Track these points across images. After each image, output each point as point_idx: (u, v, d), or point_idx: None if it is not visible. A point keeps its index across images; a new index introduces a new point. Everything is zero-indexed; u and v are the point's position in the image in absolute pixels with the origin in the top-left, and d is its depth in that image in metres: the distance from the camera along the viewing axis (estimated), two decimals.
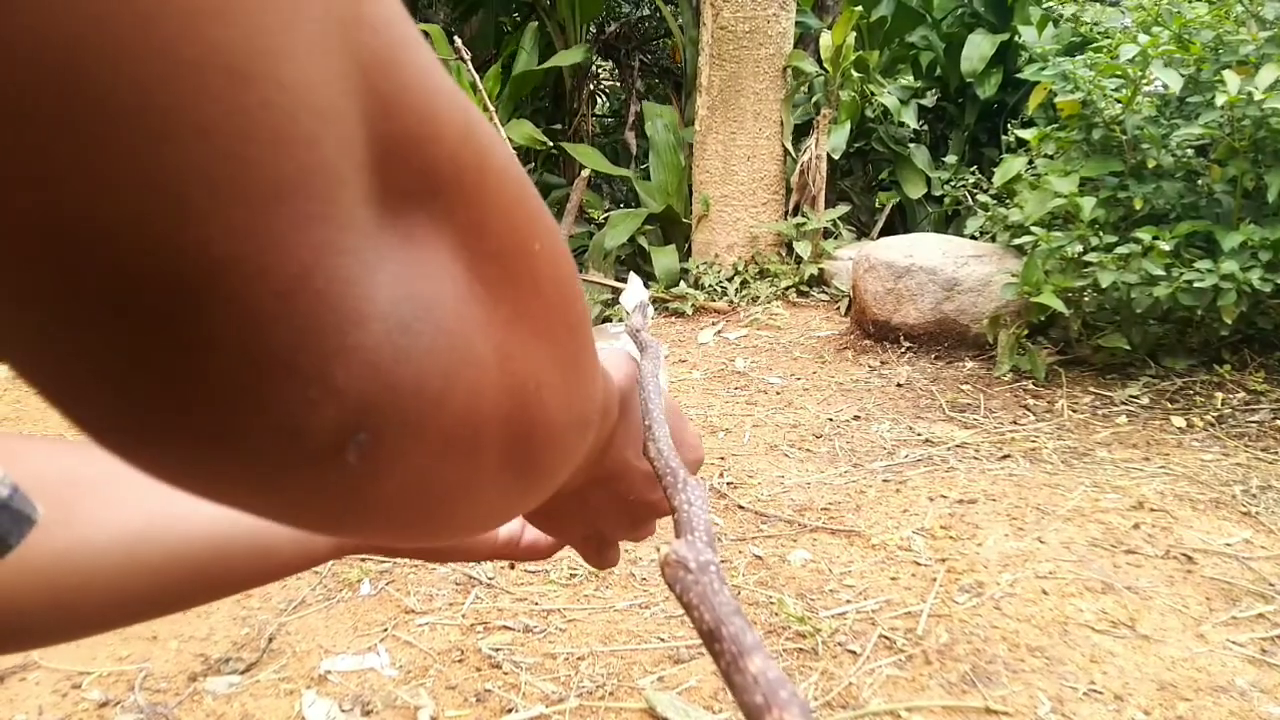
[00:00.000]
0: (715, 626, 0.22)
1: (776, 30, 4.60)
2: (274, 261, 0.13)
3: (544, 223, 0.23)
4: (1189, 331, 3.01)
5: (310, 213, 0.14)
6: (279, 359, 0.14)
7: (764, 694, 0.20)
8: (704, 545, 0.26)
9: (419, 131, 0.17)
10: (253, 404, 0.14)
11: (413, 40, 0.17)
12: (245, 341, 0.14)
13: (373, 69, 0.15)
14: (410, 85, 0.16)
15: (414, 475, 0.19)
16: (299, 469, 0.16)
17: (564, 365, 0.24)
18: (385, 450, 0.17)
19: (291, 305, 0.14)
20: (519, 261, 0.21)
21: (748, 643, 0.21)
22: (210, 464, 0.15)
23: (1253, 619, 1.66)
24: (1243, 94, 2.60)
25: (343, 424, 0.16)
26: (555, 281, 0.23)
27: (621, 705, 1.48)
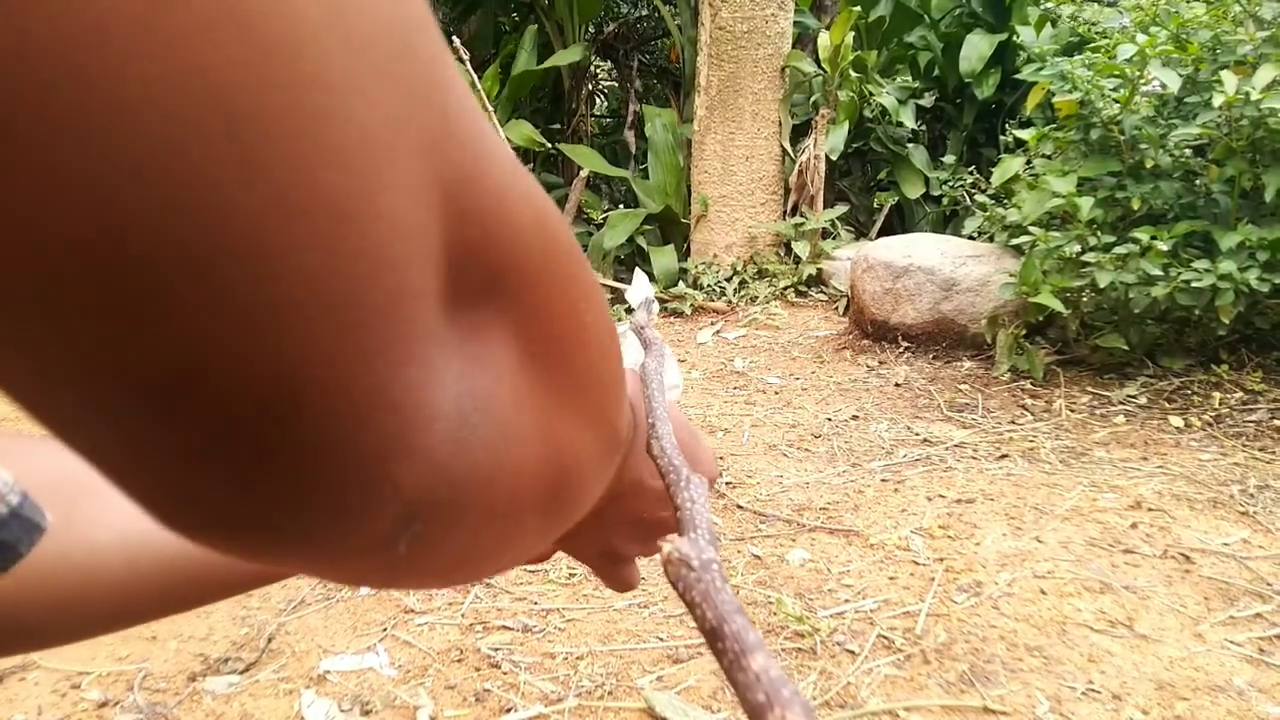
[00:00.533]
0: (717, 625, 0.22)
1: (775, 30, 4.60)
2: (355, 380, 0.14)
3: (593, 291, 0.23)
4: (1187, 331, 3.01)
5: (392, 334, 0.14)
6: (349, 465, 0.15)
7: (766, 692, 0.20)
8: (706, 543, 0.26)
9: (493, 233, 0.17)
10: (318, 505, 0.15)
11: (489, 139, 0.17)
12: (319, 450, 0.14)
13: (455, 183, 0.16)
14: (488, 190, 0.17)
15: (457, 546, 0.20)
16: (354, 556, 0.17)
17: (600, 422, 0.25)
18: (434, 532, 0.18)
19: (366, 417, 0.14)
20: (570, 338, 0.22)
21: (750, 641, 0.21)
22: (269, 551, 0.16)
23: (1250, 618, 1.67)
24: (1240, 94, 2.61)
25: (400, 518, 0.17)
26: (599, 346, 0.24)
27: (620, 705, 1.48)
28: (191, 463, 0.14)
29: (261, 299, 0.12)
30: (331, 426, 0.14)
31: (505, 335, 0.19)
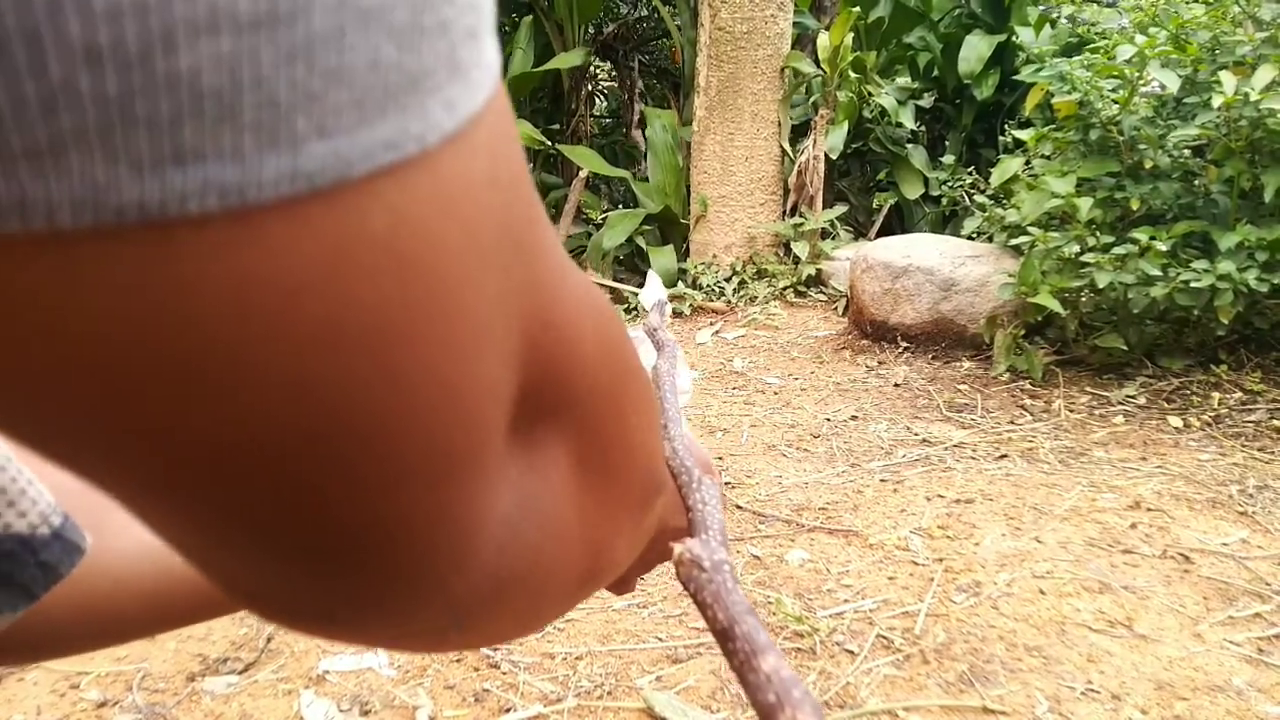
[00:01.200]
0: (728, 625, 0.22)
1: (774, 31, 4.60)
2: (431, 514, 0.16)
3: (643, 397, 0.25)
4: (1186, 332, 3.01)
5: (469, 474, 0.16)
6: (410, 577, 0.17)
7: (776, 693, 0.20)
8: (718, 545, 0.26)
9: (563, 365, 0.19)
10: (378, 609, 0.17)
11: (563, 267, 0.19)
12: (388, 568, 0.16)
13: (535, 329, 0.17)
14: (562, 327, 0.18)
15: (499, 626, 0.22)
16: (403, 641, 0.20)
17: (637, 512, 0.26)
18: (477, 620, 0.20)
19: (434, 540, 0.16)
20: (618, 445, 0.23)
21: (760, 642, 0.21)
22: (325, 635, 0.19)
23: (1249, 618, 1.67)
24: (1239, 95, 2.61)
25: (448, 615, 0.19)
26: (644, 447, 0.25)
27: (619, 705, 1.48)
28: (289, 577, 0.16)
29: (380, 468, 0.14)
30: (405, 551, 0.16)
31: (560, 448, 0.20)
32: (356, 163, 0.12)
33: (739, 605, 0.23)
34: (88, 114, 0.10)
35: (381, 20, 0.12)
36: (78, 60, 0.10)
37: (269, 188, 0.11)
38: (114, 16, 0.10)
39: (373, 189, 0.12)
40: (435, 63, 0.13)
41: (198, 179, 0.11)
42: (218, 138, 0.11)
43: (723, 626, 0.22)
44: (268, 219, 0.11)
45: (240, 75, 0.10)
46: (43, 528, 0.33)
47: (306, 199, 0.12)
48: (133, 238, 0.11)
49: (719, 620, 0.23)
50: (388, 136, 0.12)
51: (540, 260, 0.17)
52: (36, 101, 0.10)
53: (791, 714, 0.19)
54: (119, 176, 0.10)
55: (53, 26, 0.09)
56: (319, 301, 0.12)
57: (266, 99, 0.11)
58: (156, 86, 0.10)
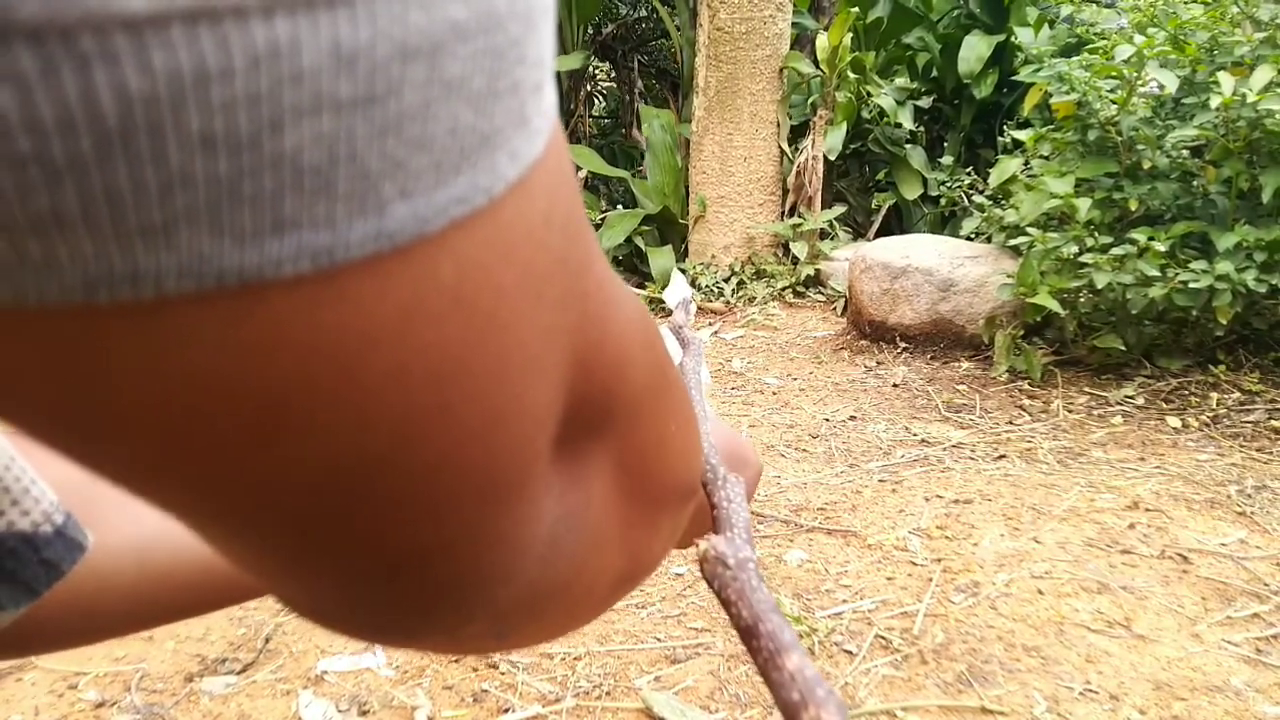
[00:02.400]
0: (753, 623, 0.22)
1: (773, 31, 4.61)
2: (482, 534, 0.17)
3: (684, 408, 0.25)
4: (1184, 332, 3.01)
5: (516, 495, 0.17)
6: (459, 593, 0.18)
7: (801, 691, 0.20)
8: (743, 542, 0.26)
9: (611, 384, 0.20)
10: (427, 622, 0.18)
11: (614, 291, 0.20)
12: (439, 584, 0.17)
13: (585, 353, 0.18)
14: (611, 348, 0.19)
15: (540, 629, 0.23)
16: (447, 647, 0.21)
17: (675, 514, 0.27)
18: (518, 627, 0.21)
19: (479, 554, 0.17)
20: (659, 455, 0.24)
21: (785, 640, 0.21)
22: (371, 640, 0.20)
23: (1248, 619, 1.67)
24: (1237, 95, 2.61)
25: (493, 625, 0.20)
26: (683, 455, 0.26)
27: (618, 705, 1.48)
28: (345, 596, 0.17)
29: (433, 494, 0.15)
30: (454, 569, 0.17)
31: (603, 461, 0.21)
32: (432, 220, 0.13)
33: (763, 603, 0.23)
34: (200, 194, 0.11)
35: (462, 89, 0.12)
36: (195, 148, 0.10)
37: (356, 248, 0.12)
38: (230, 107, 0.10)
39: (444, 242, 0.13)
40: (506, 121, 0.14)
41: (293, 245, 0.12)
42: (313, 208, 0.11)
43: (747, 624, 0.22)
44: (352, 276, 0.12)
45: (337, 151, 0.11)
46: (45, 525, 0.33)
47: (388, 256, 0.13)
48: (229, 298, 0.12)
49: (743, 618, 0.23)
50: (460, 193, 0.13)
51: (592, 287, 0.18)
52: (156, 186, 0.10)
53: (815, 713, 0.19)
54: (223, 247, 0.11)
55: (175, 119, 0.10)
56: (391, 347, 0.13)
57: (359, 170, 0.12)
58: (263, 166, 0.11)
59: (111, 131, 0.10)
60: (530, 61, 0.14)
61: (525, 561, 0.19)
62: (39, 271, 0.11)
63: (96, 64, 0.09)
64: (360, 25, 0.11)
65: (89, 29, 0.09)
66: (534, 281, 0.15)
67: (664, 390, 0.23)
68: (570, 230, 0.16)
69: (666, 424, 0.24)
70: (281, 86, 0.11)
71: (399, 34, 0.11)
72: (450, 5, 0.12)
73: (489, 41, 0.13)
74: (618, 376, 0.20)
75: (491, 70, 0.13)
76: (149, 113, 0.10)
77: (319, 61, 0.11)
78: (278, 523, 0.15)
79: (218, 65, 0.10)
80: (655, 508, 0.25)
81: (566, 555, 0.21)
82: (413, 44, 0.12)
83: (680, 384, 0.25)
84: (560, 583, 0.21)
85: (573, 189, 0.17)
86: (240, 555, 0.17)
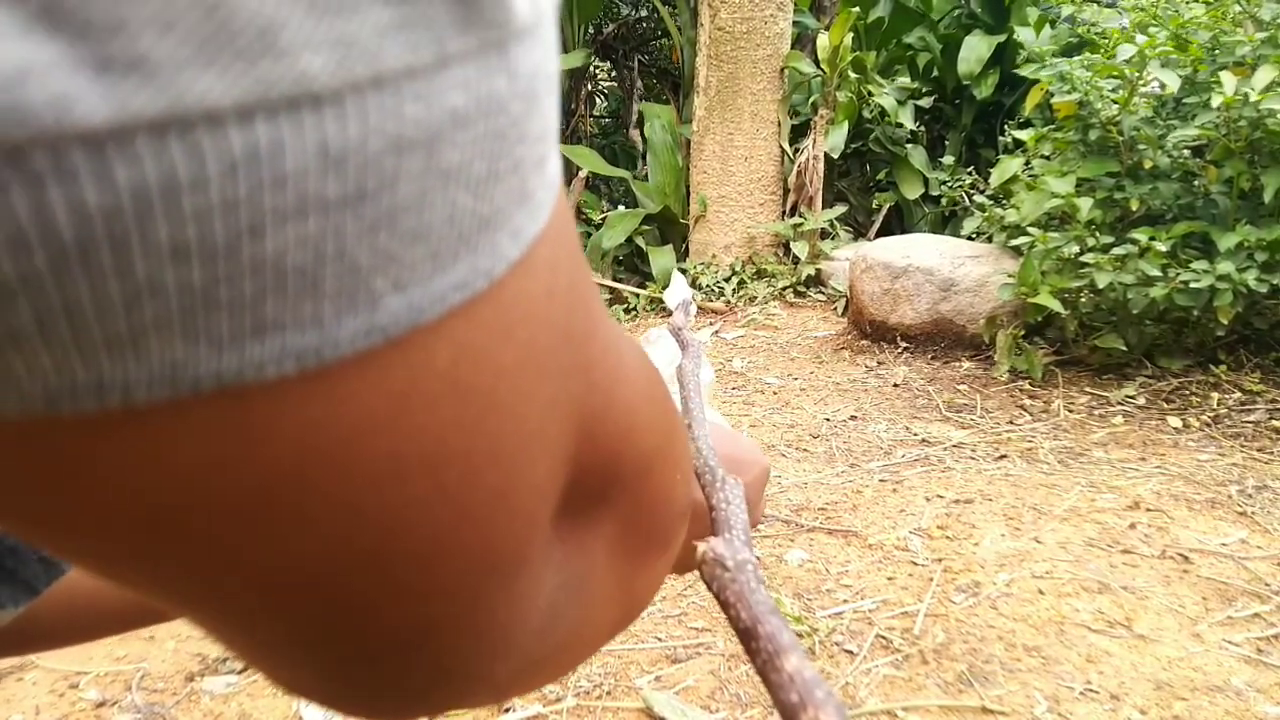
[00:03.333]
0: (752, 625, 0.22)
1: (774, 31, 4.60)
2: (478, 611, 0.16)
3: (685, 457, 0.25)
4: (1185, 332, 3.01)
5: (513, 569, 0.16)
6: (455, 673, 0.17)
7: (799, 693, 0.20)
8: (741, 544, 0.26)
9: (615, 446, 0.19)
10: (424, 701, 0.18)
11: (621, 353, 0.19)
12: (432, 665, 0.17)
13: (590, 422, 0.17)
14: (618, 415, 0.19)
15: (535, 684, 0.23)
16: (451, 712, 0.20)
17: (673, 552, 0.27)
18: (519, 687, 0.21)
19: (475, 635, 0.17)
20: (664, 511, 0.23)
21: (784, 642, 0.21)
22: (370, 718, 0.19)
23: (1248, 619, 1.67)
24: (1239, 95, 2.61)
25: (492, 695, 0.20)
26: (684, 502, 0.25)
27: (619, 705, 1.48)
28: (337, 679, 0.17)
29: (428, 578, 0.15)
30: (450, 652, 0.17)
31: (608, 524, 0.21)
32: (429, 309, 0.12)
33: (762, 605, 0.23)
34: (171, 303, 0.10)
35: (461, 176, 0.12)
36: (164, 258, 0.10)
37: (345, 345, 0.12)
38: (203, 215, 0.10)
39: (441, 329, 0.13)
40: (507, 201, 0.13)
41: (276, 348, 0.11)
42: (298, 309, 0.11)
43: (746, 626, 0.22)
44: (342, 373, 0.12)
45: (324, 250, 0.11)
46: None
47: (379, 349, 0.12)
48: (206, 404, 0.11)
49: (742, 619, 0.23)
50: (459, 279, 0.13)
51: (596, 354, 0.17)
52: (120, 298, 0.10)
53: (814, 714, 0.19)
54: (198, 354, 0.11)
55: (141, 232, 0.10)
56: (383, 437, 0.13)
57: (348, 268, 0.11)
58: (241, 271, 0.10)
59: (68, 247, 0.09)
60: (533, 138, 0.13)
61: (523, 637, 0.18)
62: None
63: (50, 182, 0.09)
64: (350, 123, 0.10)
65: (41, 147, 0.09)
66: (535, 358, 0.15)
67: (670, 443, 0.23)
68: (573, 299, 0.16)
69: (672, 475, 0.23)
70: (261, 191, 0.10)
71: (393, 128, 0.11)
72: (449, 94, 0.11)
73: (490, 125, 0.12)
74: (625, 441, 0.19)
75: (492, 153, 0.12)
76: (111, 226, 0.09)
77: (304, 163, 0.10)
78: (262, 612, 0.14)
79: (189, 174, 0.10)
80: (656, 552, 0.24)
81: (566, 622, 0.20)
82: (409, 137, 0.11)
83: (681, 426, 0.24)
84: (561, 647, 0.20)
85: (575, 255, 0.16)
86: (225, 638, 0.16)
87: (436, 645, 0.16)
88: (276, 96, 0.10)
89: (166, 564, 0.13)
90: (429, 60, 0.11)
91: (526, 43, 0.13)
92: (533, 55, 0.13)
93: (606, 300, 4.58)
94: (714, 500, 0.30)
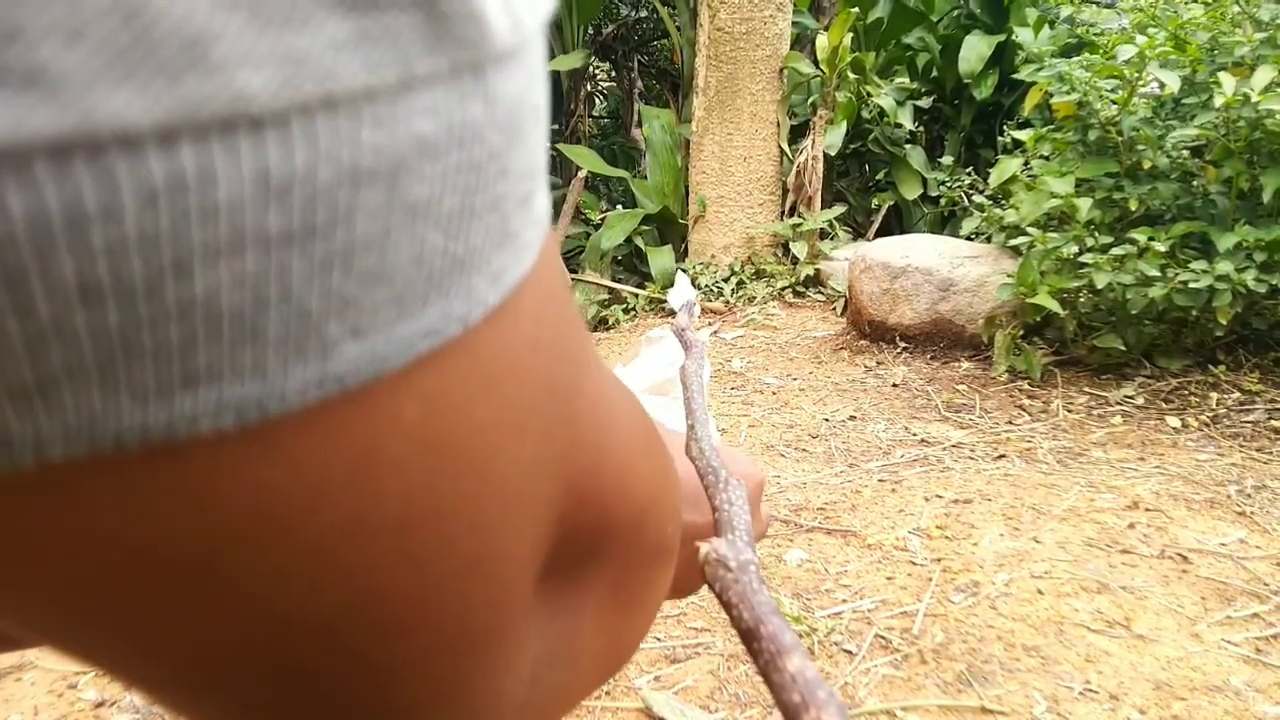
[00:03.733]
0: (754, 625, 0.22)
1: (773, 31, 4.60)
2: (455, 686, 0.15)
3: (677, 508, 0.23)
4: (1184, 332, 3.01)
5: (492, 643, 0.15)
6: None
7: (801, 693, 0.20)
8: (744, 544, 0.26)
9: (607, 504, 0.18)
10: None
11: (615, 411, 0.18)
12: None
13: (577, 480, 0.16)
14: (608, 473, 0.17)
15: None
16: None
17: (660, 600, 0.25)
18: None
19: (451, 712, 0.16)
20: (656, 555, 0.22)
21: (786, 642, 0.21)
22: None
23: (1248, 618, 1.67)
24: (1238, 95, 2.61)
25: None
26: (672, 549, 0.24)
27: (618, 705, 1.48)
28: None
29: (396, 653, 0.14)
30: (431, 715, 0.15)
31: (598, 585, 0.19)
32: (393, 358, 0.11)
33: (764, 605, 0.23)
34: (83, 349, 0.09)
35: (430, 212, 0.11)
36: (71, 299, 0.09)
37: (294, 398, 0.11)
38: (116, 251, 0.09)
39: (408, 380, 0.12)
40: (485, 240, 0.12)
41: (210, 400, 0.10)
42: (236, 357, 0.10)
43: (748, 626, 0.22)
44: (291, 428, 0.11)
45: (265, 292, 0.10)
46: None
47: (335, 401, 0.11)
48: (134, 462, 0.10)
49: (744, 620, 0.23)
50: (429, 325, 0.11)
51: (586, 408, 0.16)
52: (21, 342, 0.09)
53: (816, 715, 0.19)
54: (118, 406, 0.10)
55: (40, 267, 0.08)
56: (343, 500, 0.12)
57: (295, 311, 0.10)
58: (166, 316, 0.09)
59: None
60: (516, 173, 0.12)
61: (504, 711, 0.17)
62: None
63: None
64: (297, 149, 0.09)
65: None
66: (516, 414, 0.13)
67: (664, 492, 0.21)
68: (561, 349, 0.15)
69: (664, 524, 0.22)
70: (188, 224, 0.09)
71: (348, 156, 0.10)
72: (415, 120, 0.10)
73: (464, 156, 0.11)
74: (616, 497, 0.18)
75: (467, 187, 0.11)
76: (4, 259, 0.08)
77: (239, 193, 0.09)
78: (207, 688, 0.13)
79: (99, 204, 0.08)
80: (650, 605, 0.23)
81: (550, 687, 0.19)
82: (367, 166, 0.10)
83: (673, 467, 0.23)
84: (540, 713, 0.19)
85: (564, 301, 0.15)
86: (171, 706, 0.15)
87: (417, 714, 0.15)
88: (206, 118, 0.09)
89: (93, 633, 0.12)
90: (392, 81, 0.10)
91: (508, 68, 0.12)
92: (514, 82, 0.12)
93: (604, 300, 4.59)
94: (717, 501, 0.30)
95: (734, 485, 0.30)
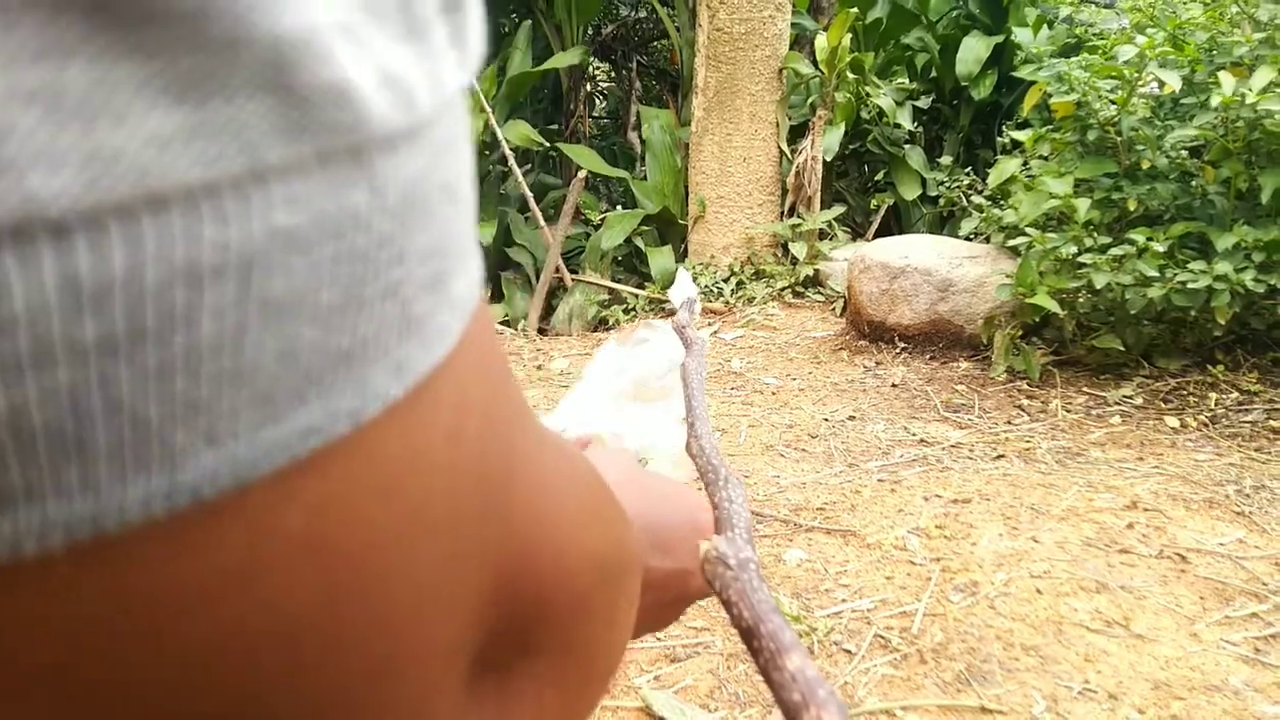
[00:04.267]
0: (754, 624, 0.22)
1: (772, 32, 4.61)
2: None
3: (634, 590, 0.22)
4: (1183, 332, 3.01)
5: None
6: None
7: (802, 692, 0.20)
8: (744, 543, 0.26)
9: (545, 593, 0.17)
10: None
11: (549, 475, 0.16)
12: None
13: (508, 563, 0.15)
14: (544, 552, 0.16)
15: None
16: None
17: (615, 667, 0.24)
18: None
19: None
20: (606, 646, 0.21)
21: (786, 641, 0.21)
22: None
23: (1246, 618, 1.67)
24: (1237, 96, 2.61)
25: None
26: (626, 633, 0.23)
27: (618, 704, 1.48)
28: None
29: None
30: None
31: (541, 677, 0.18)
32: (260, 463, 0.10)
33: (764, 604, 0.23)
34: None
35: (298, 308, 0.10)
36: None
37: (134, 512, 0.10)
38: None
39: (287, 485, 0.11)
40: (378, 330, 0.11)
41: (32, 521, 0.09)
42: (57, 475, 0.09)
43: (748, 624, 0.22)
44: (135, 543, 0.10)
45: (87, 404, 0.09)
46: None
47: (188, 513, 0.10)
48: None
49: (744, 618, 0.23)
50: (307, 424, 0.11)
51: (519, 496, 0.15)
52: None
53: (816, 713, 0.19)
54: None
55: None
56: (214, 610, 0.11)
57: (129, 421, 0.09)
58: None
59: None
60: (418, 256, 0.11)
61: None
62: None
63: None
64: (115, 252, 0.09)
65: None
66: (429, 512, 0.13)
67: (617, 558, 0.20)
68: (489, 438, 0.14)
69: (615, 600, 0.20)
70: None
71: (183, 255, 0.09)
72: (272, 212, 0.10)
73: (342, 246, 0.10)
74: (553, 584, 0.17)
75: (350, 277, 0.11)
76: None
77: (41, 302, 0.08)
78: None
79: None
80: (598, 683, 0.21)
81: None
82: (210, 264, 0.09)
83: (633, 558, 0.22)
84: None
85: (496, 383, 0.14)
86: None
87: None
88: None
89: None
90: (237, 173, 0.09)
91: (400, 150, 0.11)
92: (411, 164, 0.11)
93: (604, 301, 4.58)
94: (716, 499, 0.30)
95: (734, 483, 0.30)
